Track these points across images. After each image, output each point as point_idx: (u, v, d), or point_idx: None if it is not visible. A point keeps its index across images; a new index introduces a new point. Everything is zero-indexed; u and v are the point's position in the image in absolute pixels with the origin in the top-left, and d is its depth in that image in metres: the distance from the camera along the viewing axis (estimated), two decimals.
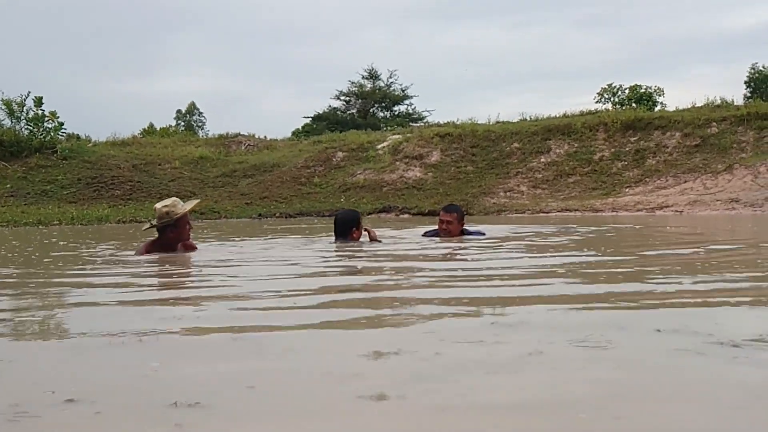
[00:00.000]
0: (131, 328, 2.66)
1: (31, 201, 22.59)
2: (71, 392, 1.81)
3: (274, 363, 2.19)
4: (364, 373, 2.02)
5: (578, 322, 2.77)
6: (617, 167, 23.20)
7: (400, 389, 1.81)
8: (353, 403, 1.75)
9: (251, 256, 6.72)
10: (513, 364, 2.06)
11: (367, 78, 47.30)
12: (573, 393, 1.78)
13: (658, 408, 1.66)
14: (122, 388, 1.91)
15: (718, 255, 5.94)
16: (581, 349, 2.19)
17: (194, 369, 2.11)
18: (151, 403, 1.75)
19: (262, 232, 12.41)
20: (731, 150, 21.98)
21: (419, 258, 6.17)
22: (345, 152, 27.23)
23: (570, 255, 6.08)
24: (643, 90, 45.53)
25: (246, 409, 1.73)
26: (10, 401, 1.77)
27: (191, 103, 66.47)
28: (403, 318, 2.90)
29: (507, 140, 25.86)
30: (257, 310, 3.24)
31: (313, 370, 2.07)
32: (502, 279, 4.25)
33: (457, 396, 1.78)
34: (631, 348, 2.25)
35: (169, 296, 4.10)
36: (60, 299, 3.90)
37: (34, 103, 27.41)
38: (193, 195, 24.11)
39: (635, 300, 3.33)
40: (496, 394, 1.79)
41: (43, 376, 2.07)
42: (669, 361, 2.09)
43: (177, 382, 1.96)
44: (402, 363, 2.09)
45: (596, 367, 2.01)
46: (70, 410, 1.71)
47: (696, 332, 2.42)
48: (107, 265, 5.94)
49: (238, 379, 1.98)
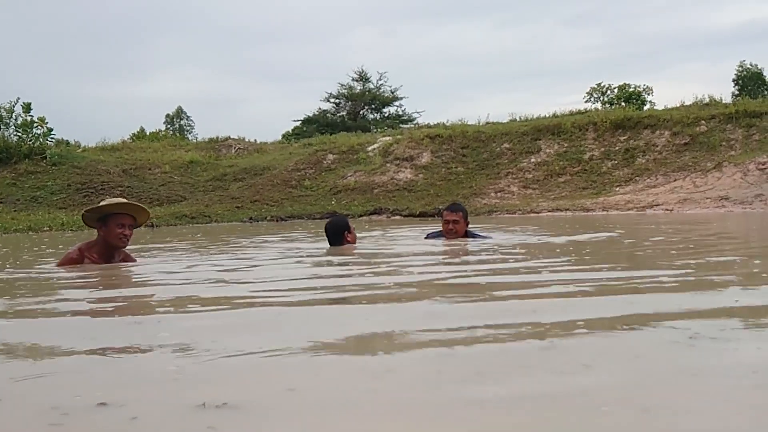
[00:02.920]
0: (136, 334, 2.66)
1: (21, 207, 22.49)
2: (101, 396, 1.81)
3: (298, 361, 2.22)
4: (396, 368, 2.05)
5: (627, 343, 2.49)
6: (607, 166, 23.28)
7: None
8: (389, 401, 1.77)
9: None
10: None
11: (357, 80, 47.32)
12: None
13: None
14: (149, 392, 1.91)
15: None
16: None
17: (216, 370, 2.13)
18: (181, 405, 1.76)
19: (251, 235, 12.39)
20: (720, 148, 22.08)
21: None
22: (335, 155, 27.22)
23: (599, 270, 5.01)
24: (632, 89, 45.78)
25: (276, 408, 1.74)
26: (49, 404, 1.79)
27: (178, 108, 66.42)
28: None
29: (497, 141, 25.91)
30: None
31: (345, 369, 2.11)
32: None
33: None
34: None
35: (171, 297, 4.08)
36: (64, 302, 3.88)
37: (23, 109, 27.30)
38: (183, 199, 24.09)
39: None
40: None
41: (67, 380, 2.08)
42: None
43: (201, 384, 1.97)
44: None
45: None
46: (105, 415, 1.71)
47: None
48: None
49: (263, 379, 2.01)
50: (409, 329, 2.60)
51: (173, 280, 5.09)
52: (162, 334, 2.71)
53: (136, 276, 5.41)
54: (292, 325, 2.95)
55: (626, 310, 2.97)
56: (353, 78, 47.36)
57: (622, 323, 2.66)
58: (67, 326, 3.19)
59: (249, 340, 2.51)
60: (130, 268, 5.72)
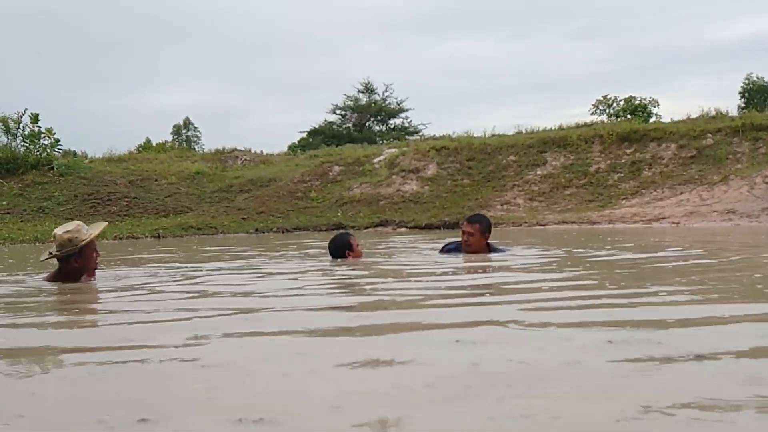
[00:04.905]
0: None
1: (27, 218, 22.55)
2: (139, 412, 1.82)
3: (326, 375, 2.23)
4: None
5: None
6: (613, 179, 23.24)
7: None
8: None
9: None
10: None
11: (363, 92, 47.45)
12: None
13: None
14: (185, 406, 1.92)
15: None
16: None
17: (249, 385, 2.15)
18: (218, 420, 1.77)
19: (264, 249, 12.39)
20: (727, 161, 22.03)
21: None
22: (341, 166, 27.24)
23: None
24: (638, 101, 45.73)
25: (307, 422, 1.77)
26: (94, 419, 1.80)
27: (186, 118, 66.66)
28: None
29: (503, 153, 25.89)
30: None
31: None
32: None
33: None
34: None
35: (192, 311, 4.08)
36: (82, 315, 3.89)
37: (30, 120, 27.39)
38: (189, 210, 24.12)
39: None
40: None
41: (104, 396, 2.09)
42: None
43: (235, 399, 1.98)
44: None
45: None
46: (149, 429, 1.72)
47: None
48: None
49: (292, 393, 2.03)
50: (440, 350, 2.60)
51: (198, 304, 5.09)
52: (195, 351, 2.72)
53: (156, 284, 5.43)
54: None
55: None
56: (359, 90, 47.55)
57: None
58: (106, 338, 3.19)
59: (280, 360, 2.53)
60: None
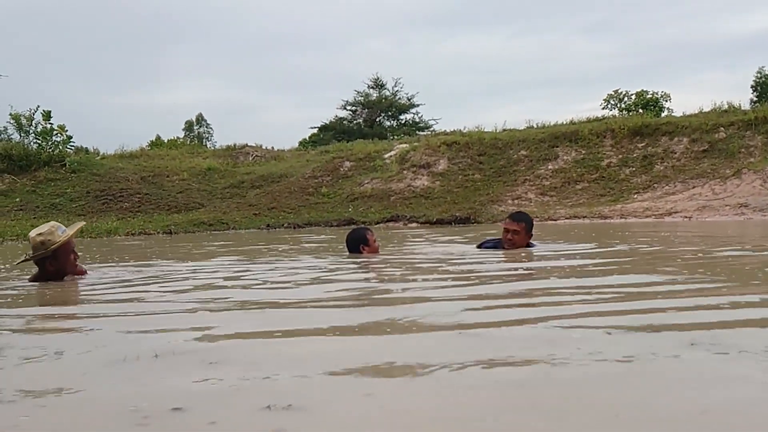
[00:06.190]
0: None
1: (40, 214, 22.67)
2: (174, 402, 1.86)
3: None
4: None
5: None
6: (625, 173, 23.16)
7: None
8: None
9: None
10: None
11: (373, 87, 47.42)
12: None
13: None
14: (215, 396, 1.94)
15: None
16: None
17: (277, 374, 2.17)
18: (249, 408, 1.81)
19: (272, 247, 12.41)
20: (739, 155, 21.90)
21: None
22: (352, 162, 27.27)
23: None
24: (650, 95, 45.49)
25: (334, 412, 1.79)
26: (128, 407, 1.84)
27: (199, 114, 66.78)
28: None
29: (514, 148, 25.85)
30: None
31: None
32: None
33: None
34: None
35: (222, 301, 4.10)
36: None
37: (43, 117, 27.57)
38: (201, 206, 24.20)
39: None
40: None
41: (134, 386, 2.11)
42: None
43: (262, 387, 2.02)
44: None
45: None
46: (184, 419, 1.75)
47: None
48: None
49: (321, 381, 2.06)
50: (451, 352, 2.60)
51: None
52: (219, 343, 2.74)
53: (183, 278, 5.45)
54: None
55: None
56: (369, 85, 47.50)
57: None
58: (135, 329, 3.21)
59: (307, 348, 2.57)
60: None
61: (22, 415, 1.86)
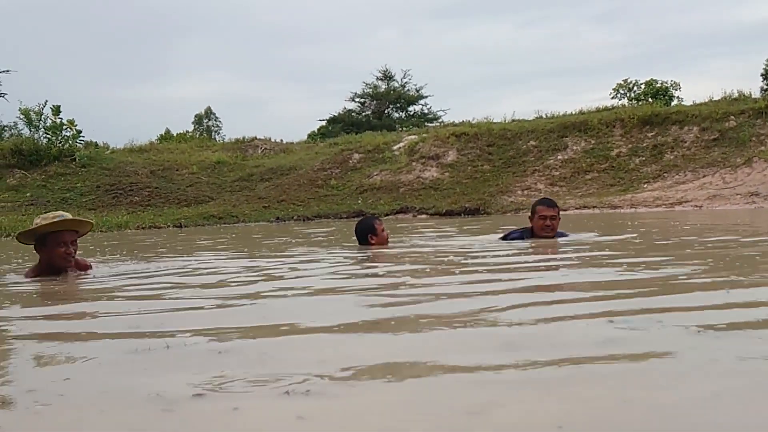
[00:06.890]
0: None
1: (51, 209, 22.68)
2: (193, 389, 1.89)
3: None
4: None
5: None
6: (635, 163, 23.07)
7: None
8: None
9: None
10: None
11: (381, 79, 47.31)
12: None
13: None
14: (231, 384, 1.96)
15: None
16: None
17: (290, 363, 2.21)
18: (270, 393, 1.85)
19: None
20: (750, 143, 21.78)
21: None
22: (361, 154, 27.25)
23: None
24: (659, 85, 45.25)
25: (354, 396, 1.83)
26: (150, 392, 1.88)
27: (208, 108, 66.79)
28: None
29: (523, 138, 25.77)
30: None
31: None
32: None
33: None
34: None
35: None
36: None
37: (52, 112, 27.66)
38: (211, 200, 24.25)
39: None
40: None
41: (154, 373, 2.15)
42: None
43: (278, 375, 2.03)
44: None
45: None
46: (207, 405, 1.78)
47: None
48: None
49: (339, 364, 2.09)
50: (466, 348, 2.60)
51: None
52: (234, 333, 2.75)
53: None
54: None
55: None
56: (378, 77, 47.39)
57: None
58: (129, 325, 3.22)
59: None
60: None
61: (42, 404, 1.87)
